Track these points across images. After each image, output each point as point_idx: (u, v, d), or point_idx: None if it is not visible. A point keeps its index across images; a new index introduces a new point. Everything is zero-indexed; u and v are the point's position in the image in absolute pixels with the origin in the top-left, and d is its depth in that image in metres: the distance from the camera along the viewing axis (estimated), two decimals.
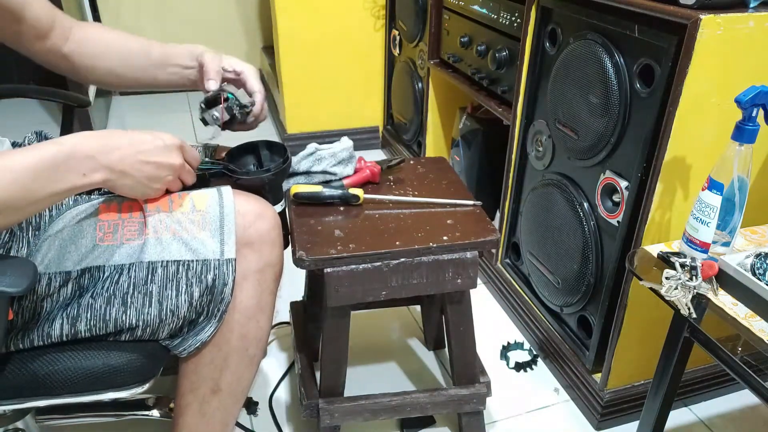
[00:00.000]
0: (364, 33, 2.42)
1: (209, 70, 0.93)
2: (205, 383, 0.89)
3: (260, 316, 0.90)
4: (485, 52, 1.63)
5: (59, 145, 0.71)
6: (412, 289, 0.98)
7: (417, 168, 1.22)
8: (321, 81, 2.46)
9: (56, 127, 1.45)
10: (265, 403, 1.34)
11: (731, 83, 0.96)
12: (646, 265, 0.92)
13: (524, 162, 1.47)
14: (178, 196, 0.86)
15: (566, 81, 1.23)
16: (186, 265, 0.81)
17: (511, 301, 1.61)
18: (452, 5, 1.83)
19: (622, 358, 1.21)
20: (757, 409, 1.35)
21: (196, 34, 3.24)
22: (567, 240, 1.29)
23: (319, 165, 1.09)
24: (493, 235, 0.99)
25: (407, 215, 1.04)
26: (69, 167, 0.71)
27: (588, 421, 1.31)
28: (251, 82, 0.97)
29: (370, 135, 2.67)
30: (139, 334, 0.81)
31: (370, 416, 1.11)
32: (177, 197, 0.85)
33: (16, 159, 0.68)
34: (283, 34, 2.33)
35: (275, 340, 1.53)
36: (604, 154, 1.15)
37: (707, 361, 1.31)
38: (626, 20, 1.04)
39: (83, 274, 0.79)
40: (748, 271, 0.83)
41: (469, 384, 1.15)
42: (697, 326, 0.82)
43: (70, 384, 0.80)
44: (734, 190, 0.84)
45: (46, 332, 0.78)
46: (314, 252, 0.93)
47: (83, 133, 0.74)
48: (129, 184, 0.77)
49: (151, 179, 0.79)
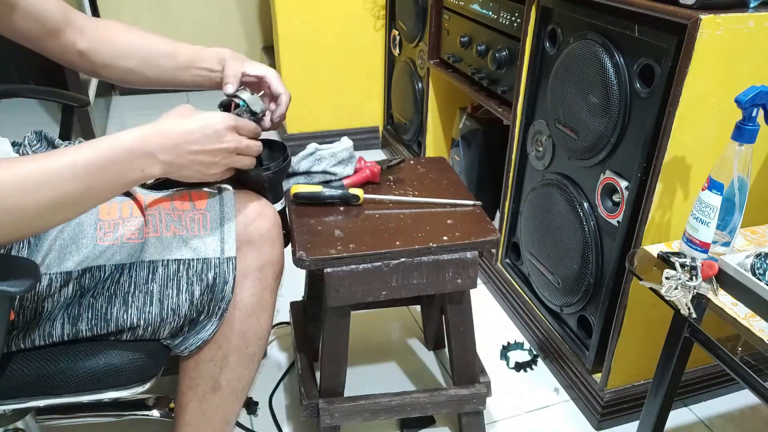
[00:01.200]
0: (364, 33, 2.42)
1: (228, 74, 0.94)
2: (205, 381, 0.89)
3: (261, 314, 0.90)
4: (485, 52, 1.63)
5: (119, 142, 0.72)
6: (412, 289, 0.98)
7: (417, 168, 1.22)
8: (321, 81, 2.47)
9: (56, 127, 1.45)
10: (265, 403, 1.34)
11: (731, 83, 0.96)
12: (646, 265, 0.92)
13: (524, 162, 1.48)
14: (178, 195, 0.86)
15: (566, 81, 1.23)
16: (187, 263, 0.81)
17: (511, 301, 1.61)
18: (452, 5, 1.83)
19: (622, 358, 1.21)
20: (757, 409, 1.35)
21: (197, 34, 3.24)
22: (567, 240, 1.29)
23: (319, 165, 1.09)
24: (493, 235, 0.99)
25: (407, 215, 1.04)
26: (128, 164, 0.72)
27: (588, 421, 1.31)
28: (275, 85, 0.97)
29: (370, 135, 2.67)
30: (140, 334, 0.81)
31: (370, 416, 1.11)
32: (177, 196, 0.86)
33: (78, 155, 0.69)
34: (283, 34, 2.33)
35: (275, 340, 1.53)
36: (604, 154, 1.15)
37: (707, 361, 1.31)
38: (626, 20, 1.04)
39: (84, 273, 0.79)
40: (748, 271, 0.83)
41: (469, 384, 1.15)
42: (697, 326, 0.82)
43: (72, 383, 0.80)
44: (734, 190, 0.84)
45: (48, 332, 0.78)
46: (314, 252, 0.93)
47: (142, 130, 0.74)
48: (186, 174, 0.79)
49: (207, 166, 0.79)
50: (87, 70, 0.97)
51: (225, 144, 0.79)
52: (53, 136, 0.96)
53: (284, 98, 0.97)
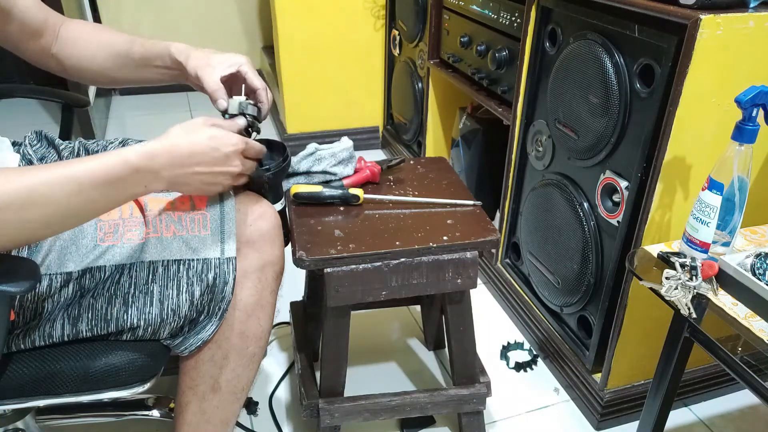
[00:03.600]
0: (364, 33, 2.42)
1: (210, 88, 0.89)
2: (205, 381, 0.89)
3: (261, 313, 0.90)
4: (485, 52, 1.63)
5: (126, 159, 0.71)
6: (412, 289, 0.98)
7: (417, 168, 1.22)
8: (321, 81, 2.46)
9: (56, 127, 1.45)
10: (265, 403, 1.34)
11: (731, 83, 0.96)
12: (646, 265, 0.92)
13: (524, 162, 1.48)
14: (179, 195, 0.86)
15: (566, 81, 1.23)
16: (187, 264, 0.81)
17: (511, 301, 1.61)
18: (452, 5, 1.83)
19: (622, 358, 1.21)
20: (757, 409, 1.35)
21: (196, 34, 3.24)
22: (567, 240, 1.29)
23: (319, 165, 1.09)
24: (493, 235, 0.99)
25: (407, 215, 1.04)
26: (134, 181, 0.73)
27: (588, 421, 1.31)
28: (251, 80, 0.92)
29: (370, 135, 2.67)
30: (141, 334, 0.81)
31: (370, 416, 1.11)
32: (178, 197, 0.86)
33: (82, 169, 0.69)
34: (283, 34, 2.33)
35: (275, 340, 1.53)
36: (604, 154, 1.15)
37: (707, 361, 1.31)
38: (626, 20, 1.04)
39: (84, 274, 0.79)
40: (748, 271, 0.83)
41: (469, 384, 1.15)
42: (697, 326, 0.82)
43: (72, 383, 0.80)
44: (734, 190, 0.84)
45: (48, 332, 0.78)
46: (314, 252, 0.93)
47: (149, 147, 0.74)
48: (186, 190, 0.81)
49: (209, 184, 0.80)
50: (62, 72, 0.97)
51: (231, 168, 0.80)
52: (53, 136, 0.96)
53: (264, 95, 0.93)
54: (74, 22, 0.97)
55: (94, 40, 0.96)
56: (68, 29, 0.96)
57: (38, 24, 0.91)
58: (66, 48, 0.95)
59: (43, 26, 0.91)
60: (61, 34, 0.95)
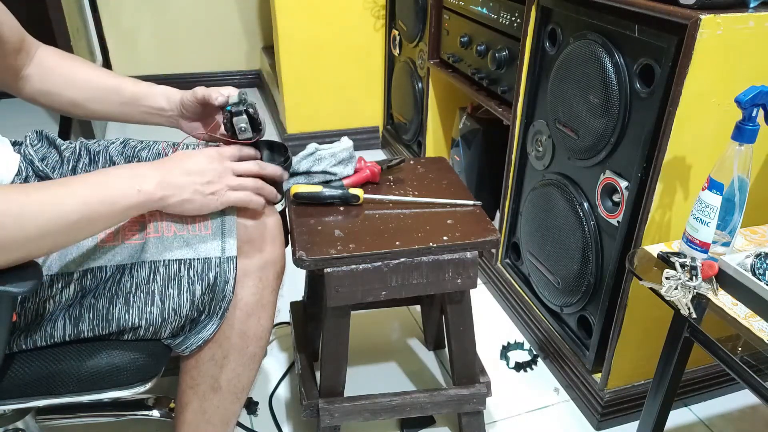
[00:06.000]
0: (364, 33, 2.42)
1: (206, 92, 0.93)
2: (205, 380, 0.90)
3: (261, 313, 0.90)
4: (485, 52, 1.64)
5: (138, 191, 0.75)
6: (412, 289, 0.98)
7: (417, 168, 1.22)
8: (321, 81, 2.47)
9: (56, 126, 1.45)
10: (265, 403, 1.34)
11: (731, 83, 0.96)
12: (646, 265, 0.92)
13: (524, 162, 1.48)
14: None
15: (566, 81, 1.23)
16: (187, 263, 0.81)
17: (511, 301, 1.61)
18: (452, 5, 1.83)
19: (622, 358, 1.21)
20: (757, 409, 1.36)
21: (196, 34, 3.24)
22: (567, 240, 1.29)
23: (319, 165, 1.09)
24: (493, 235, 0.99)
25: (407, 215, 1.05)
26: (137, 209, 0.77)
27: (588, 421, 1.31)
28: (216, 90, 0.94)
29: (370, 135, 2.67)
30: (142, 334, 0.81)
31: (370, 416, 1.11)
32: None
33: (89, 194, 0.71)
34: (283, 34, 2.33)
35: (275, 340, 1.53)
36: (604, 154, 1.15)
37: (707, 361, 1.31)
38: (626, 20, 1.04)
39: (85, 274, 0.79)
40: (748, 271, 0.83)
41: (469, 384, 1.15)
42: (697, 326, 0.82)
43: (73, 383, 0.80)
44: (734, 190, 0.84)
45: (49, 333, 0.78)
46: (314, 252, 0.93)
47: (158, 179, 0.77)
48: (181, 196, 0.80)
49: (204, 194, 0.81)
50: (24, 94, 0.96)
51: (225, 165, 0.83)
52: (54, 136, 0.96)
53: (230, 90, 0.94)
54: (50, 48, 0.97)
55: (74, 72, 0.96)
56: (48, 57, 0.95)
57: (15, 41, 0.89)
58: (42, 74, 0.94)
59: (19, 45, 0.90)
60: (38, 59, 0.94)
